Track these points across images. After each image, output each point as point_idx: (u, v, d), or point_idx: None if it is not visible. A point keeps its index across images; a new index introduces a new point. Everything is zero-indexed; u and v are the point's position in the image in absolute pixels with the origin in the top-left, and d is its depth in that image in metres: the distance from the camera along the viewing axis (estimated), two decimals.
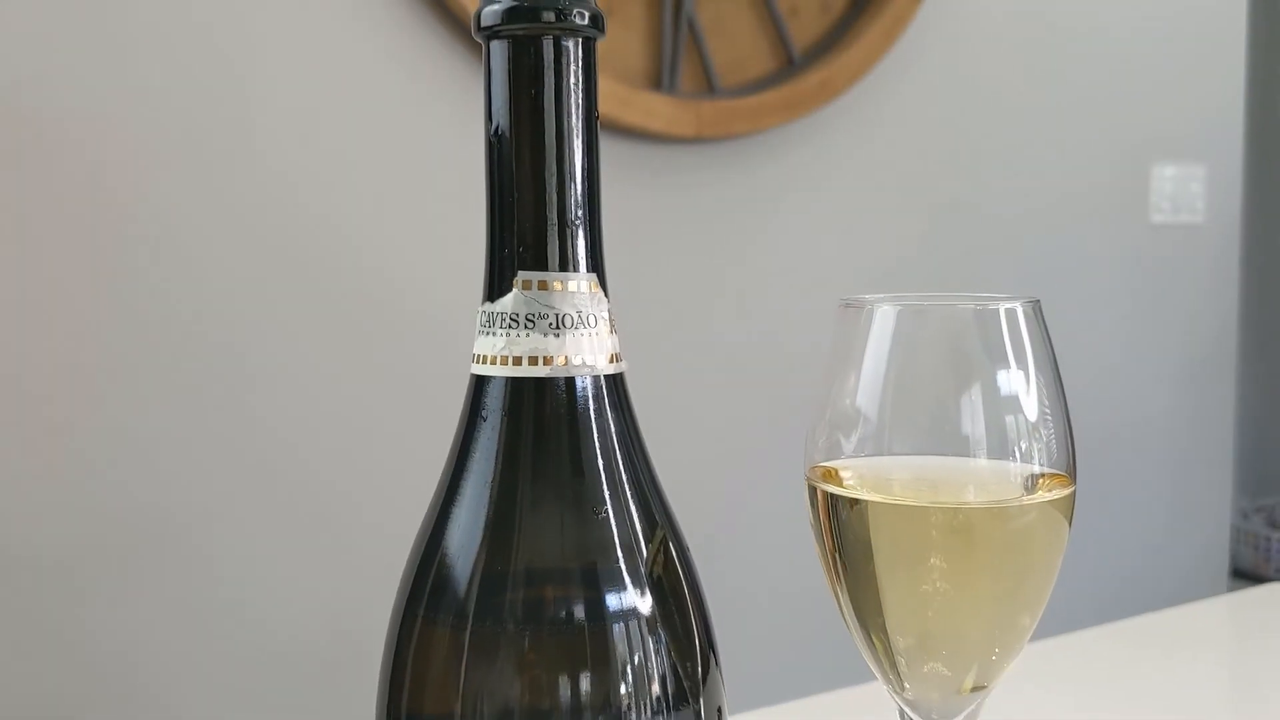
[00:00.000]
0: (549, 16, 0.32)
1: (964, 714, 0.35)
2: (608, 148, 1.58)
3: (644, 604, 0.34)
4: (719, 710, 0.35)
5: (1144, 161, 2.28)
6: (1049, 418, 0.34)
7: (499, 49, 0.32)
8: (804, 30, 1.82)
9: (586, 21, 0.32)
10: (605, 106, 1.54)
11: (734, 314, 1.67)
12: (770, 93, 1.73)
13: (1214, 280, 2.44)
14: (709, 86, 1.71)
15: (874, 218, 1.90)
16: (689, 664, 0.34)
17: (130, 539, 1.28)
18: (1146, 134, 2.26)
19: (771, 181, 1.77)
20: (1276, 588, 0.92)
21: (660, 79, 1.66)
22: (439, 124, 1.49)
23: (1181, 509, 2.42)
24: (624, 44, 1.63)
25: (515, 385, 0.33)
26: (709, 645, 0.36)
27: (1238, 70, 2.40)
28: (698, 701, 0.34)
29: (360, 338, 1.44)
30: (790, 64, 1.79)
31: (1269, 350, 3.82)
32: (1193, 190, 2.37)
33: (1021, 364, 0.34)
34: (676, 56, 1.67)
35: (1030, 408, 0.34)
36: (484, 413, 0.33)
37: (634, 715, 0.33)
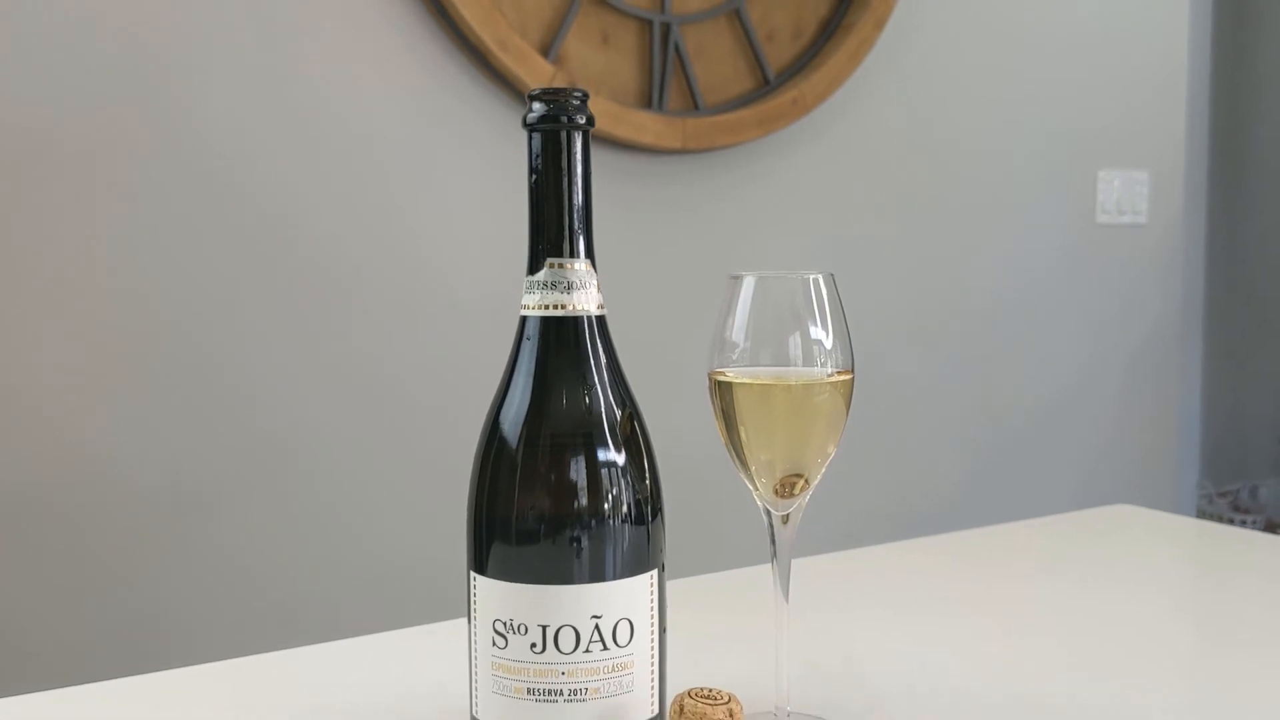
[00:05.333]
0: (564, 120, 0.59)
1: (796, 504, 0.62)
2: (605, 158, 1.85)
3: (617, 448, 0.60)
4: (659, 512, 0.62)
5: (1091, 167, 2.51)
6: (839, 341, 0.60)
7: (536, 136, 0.59)
8: (779, 54, 2.06)
9: (585, 121, 0.59)
10: (602, 123, 1.80)
11: (706, 292, 1.94)
12: (748, 110, 1.99)
13: (1157, 275, 2.64)
14: (693, 104, 1.96)
15: (839, 220, 2.16)
16: (644, 494, 0.61)
17: (244, 471, 1.56)
18: (1093, 143, 2.50)
19: (747, 187, 2.03)
20: (1119, 509, 1.18)
21: (650, 98, 1.92)
22: (446, 137, 1.76)
23: (1132, 490, 2.61)
24: (618, 68, 1.89)
25: (544, 321, 0.60)
26: (657, 488, 0.62)
27: (1179, 84, 2.62)
28: (646, 517, 0.61)
29: (398, 323, 1.71)
30: (766, 84, 2.04)
31: (1233, 343, 3.96)
32: (1137, 193, 2.59)
33: (822, 310, 0.60)
34: (665, 78, 1.92)
35: (828, 337, 0.60)
36: (527, 336, 0.60)
37: (613, 522, 0.60)
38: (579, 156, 0.59)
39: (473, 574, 0.60)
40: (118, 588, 1.52)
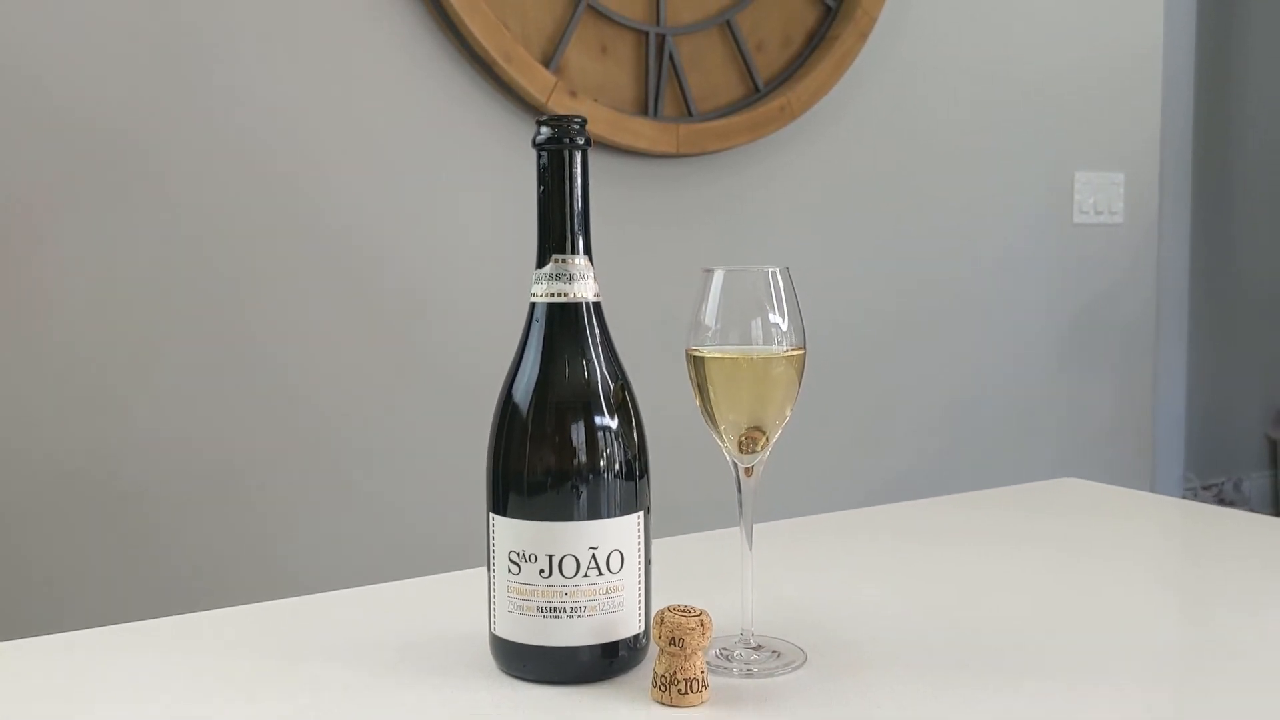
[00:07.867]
0: (566, 141, 0.72)
1: (758, 459, 0.75)
2: (604, 162, 1.97)
3: (610, 412, 0.73)
4: (646, 464, 0.75)
5: (1069, 169, 2.62)
6: (793, 324, 0.73)
7: (543, 155, 0.72)
8: (768, 63, 2.18)
9: (584, 142, 0.72)
10: (601, 129, 1.92)
11: (693, 283, 2.06)
12: (738, 116, 2.10)
13: (1133, 274, 2.74)
14: (687, 111, 2.08)
15: (825, 220, 2.27)
16: (633, 451, 0.74)
17: (288, 439, 1.70)
18: (1071, 146, 2.60)
19: (737, 189, 2.15)
20: (1066, 481, 1.31)
21: (646, 106, 2.04)
22: (456, 142, 1.88)
23: (1116, 484, 2.68)
24: (616, 78, 2.01)
25: (550, 306, 0.73)
26: (644, 446, 0.75)
27: (1155, 90, 2.72)
28: (634, 468, 0.74)
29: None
30: (756, 91, 2.16)
31: (1217, 339, 4.04)
32: (1113, 194, 2.69)
33: (779, 298, 0.73)
34: (660, 86, 2.04)
35: (784, 320, 0.73)
36: (535, 319, 0.74)
37: (606, 472, 0.72)
38: (579, 171, 0.73)
39: (492, 515, 0.73)
40: (171, 548, 1.67)
